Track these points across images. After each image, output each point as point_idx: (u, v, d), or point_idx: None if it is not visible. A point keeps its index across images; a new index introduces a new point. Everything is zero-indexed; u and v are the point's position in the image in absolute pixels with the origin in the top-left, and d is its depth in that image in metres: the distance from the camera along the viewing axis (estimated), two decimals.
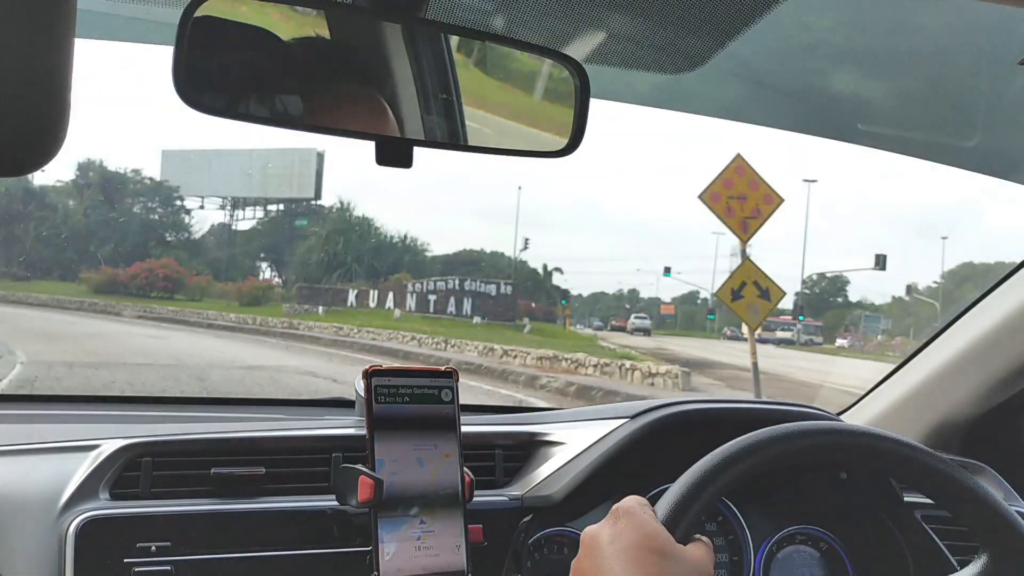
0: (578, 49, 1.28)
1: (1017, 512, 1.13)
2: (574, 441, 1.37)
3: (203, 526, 1.17)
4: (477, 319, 25.06)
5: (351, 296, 26.21)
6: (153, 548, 1.13)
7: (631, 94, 1.55)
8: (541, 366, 14.45)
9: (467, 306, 25.74)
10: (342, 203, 29.72)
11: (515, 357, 15.54)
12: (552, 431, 1.40)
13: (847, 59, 1.30)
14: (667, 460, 1.13)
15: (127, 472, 1.21)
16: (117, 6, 1.20)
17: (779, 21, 1.06)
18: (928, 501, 1.08)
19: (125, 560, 1.12)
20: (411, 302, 26.19)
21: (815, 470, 1.43)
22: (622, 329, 34.01)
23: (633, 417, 1.37)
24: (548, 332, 25.77)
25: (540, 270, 32.81)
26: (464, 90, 1.27)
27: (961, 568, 1.04)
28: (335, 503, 1.20)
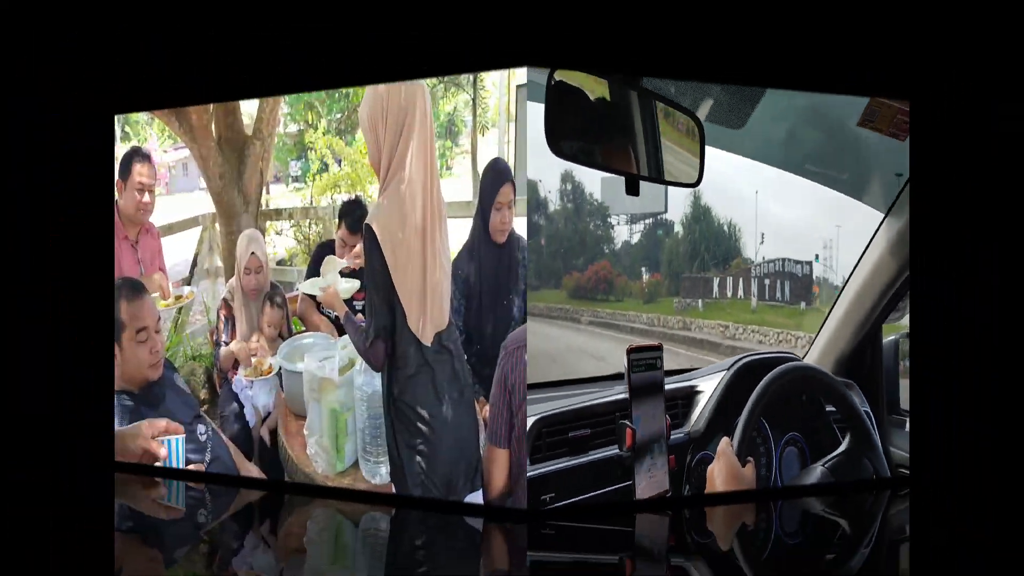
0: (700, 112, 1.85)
1: (864, 412, 2.04)
2: (708, 390, 1.93)
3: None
4: None
5: (714, 285, 20.98)
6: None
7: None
8: None
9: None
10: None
11: None
12: (699, 384, 1.95)
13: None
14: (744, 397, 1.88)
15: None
16: None
17: None
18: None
19: None
20: (754, 288, 21.38)
21: (794, 396, 2.18)
22: None
23: (728, 368, 1.98)
24: None
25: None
26: (663, 140, 1.77)
27: None
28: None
